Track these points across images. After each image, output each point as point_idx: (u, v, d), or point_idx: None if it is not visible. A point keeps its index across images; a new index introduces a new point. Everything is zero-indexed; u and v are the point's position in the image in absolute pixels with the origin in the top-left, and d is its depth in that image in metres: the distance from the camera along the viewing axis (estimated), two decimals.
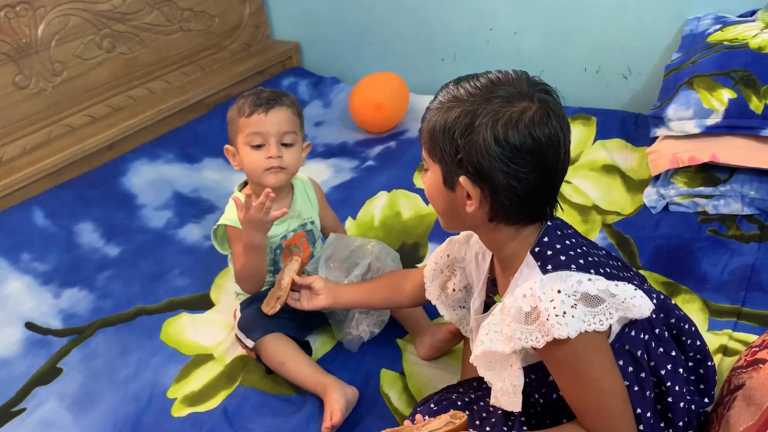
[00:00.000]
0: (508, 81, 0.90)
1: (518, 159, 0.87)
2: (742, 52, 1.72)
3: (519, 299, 0.89)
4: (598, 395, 0.90)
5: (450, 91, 0.93)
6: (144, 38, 2.36)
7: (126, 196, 2.04)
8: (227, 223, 1.42)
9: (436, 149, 0.92)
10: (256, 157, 1.38)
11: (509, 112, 0.87)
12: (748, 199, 1.69)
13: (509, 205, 0.90)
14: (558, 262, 0.89)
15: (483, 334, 0.95)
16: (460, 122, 0.89)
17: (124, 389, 1.40)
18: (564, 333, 0.84)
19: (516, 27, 2.35)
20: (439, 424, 1.00)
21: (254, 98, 1.39)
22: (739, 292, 1.46)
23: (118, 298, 1.67)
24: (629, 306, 0.87)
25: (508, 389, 0.96)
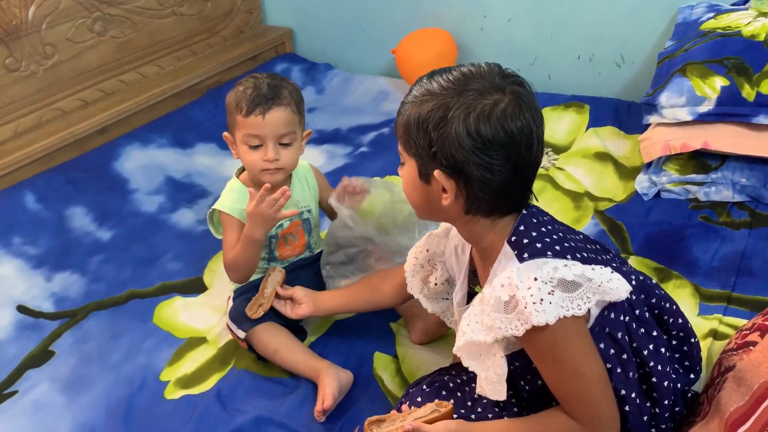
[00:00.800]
0: (481, 74, 0.90)
1: (491, 152, 0.88)
2: (735, 40, 1.73)
3: (497, 289, 0.90)
4: (578, 380, 0.91)
5: (423, 85, 0.93)
6: (136, 22, 2.34)
7: (118, 180, 2.03)
8: (222, 209, 1.41)
9: (411, 143, 0.93)
10: (253, 157, 1.36)
11: (481, 104, 0.88)
12: (740, 186, 1.70)
13: (484, 198, 0.91)
14: (534, 249, 0.90)
15: (464, 324, 0.96)
16: (434, 115, 0.89)
17: (116, 372, 1.40)
18: (543, 320, 0.85)
19: (510, 15, 2.35)
20: (425, 412, 1.02)
21: (253, 94, 1.33)
22: (729, 277, 1.47)
23: (111, 282, 1.67)
24: (606, 289, 0.88)
25: (492, 378, 0.97)
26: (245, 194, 1.40)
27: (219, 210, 1.41)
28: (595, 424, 0.93)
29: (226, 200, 1.41)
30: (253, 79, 1.37)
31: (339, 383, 1.25)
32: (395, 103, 2.42)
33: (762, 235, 1.58)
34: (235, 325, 1.37)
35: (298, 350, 1.34)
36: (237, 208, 1.40)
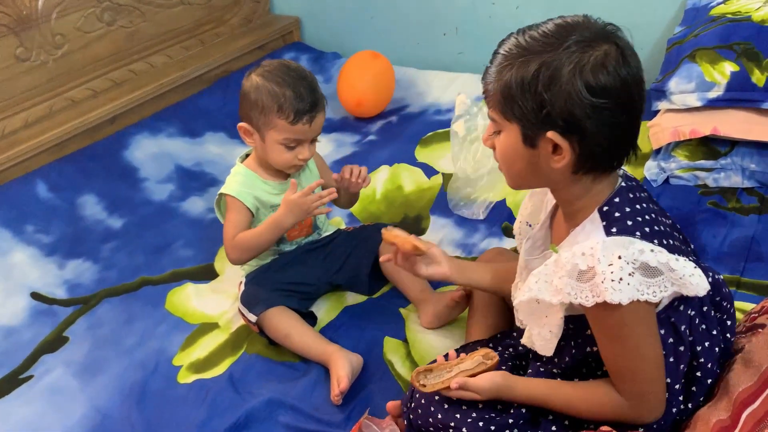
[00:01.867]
0: (579, 24, 0.88)
1: (610, 103, 0.85)
2: (745, 25, 1.72)
3: (577, 256, 0.87)
4: (636, 358, 0.90)
5: (517, 44, 0.89)
6: (145, 12, 2.35)
7: (128, 169, 2.05)
8: (229, 192, 1.43)
9: (514, 108, 0.89)
10: (287, 156, 1.39)
11: (592, 56, 0.85)
12: (749, 172, 1.69)
13: (599, 153, 0.88)
14: (624, 226, 0.88)
15: (533, 281, 0.94)
16: (542, 74, 0.85)
17: (130, 357, 1.42)
18: (617, 298, 0.84)
19: (518, 1, 2.34)
20: (472, 363, 1.03)
21: (295, 99, 1.34)
22: (738, 262, 1.47)
23: (123, 269, 1.69)
24: (686, 283, 0.86)
25: (546, 336, 0.97)
26: (253, 178, 1.42)
27: (226, 194, 1.43)
28: (641, 403, 0.93)
29: (233, 183, 1.44)
30: (288, 77, 1.36)
31: (351, 366, 1.26)
32: (403, 91, 2.43)
33: None
34: (247, 309, 1.39)
35: (309, 334, 1.35)
36: (243, 192, 1.42)
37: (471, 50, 2.47)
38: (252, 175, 1.45)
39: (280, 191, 1.46)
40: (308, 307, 1.47)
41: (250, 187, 1.43)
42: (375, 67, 2.31)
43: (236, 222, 1.41)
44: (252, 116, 1.39)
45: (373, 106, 2.31)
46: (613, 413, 0.95)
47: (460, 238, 1.68)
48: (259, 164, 1.46)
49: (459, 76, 2.38)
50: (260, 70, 1.40)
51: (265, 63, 1.43)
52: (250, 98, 1.38)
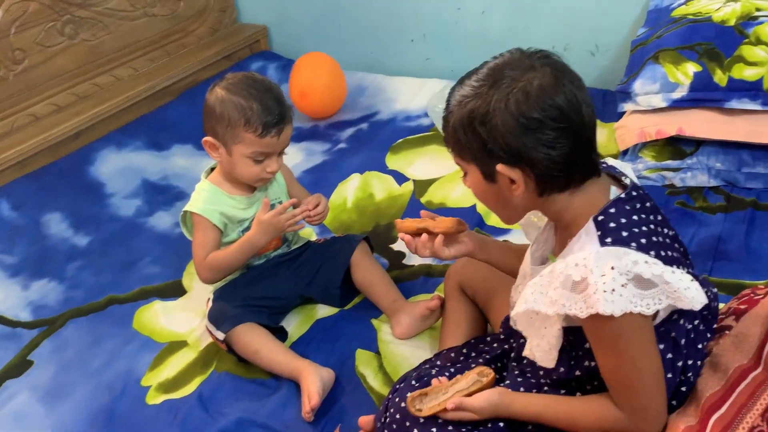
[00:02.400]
0: (507, 62, 0.91)
1: (543, 129, 0.87)
2: (706, 26, 1.74)
3: (570, 267, 0.87)
4: (633, 371, 0.89)
5: (457, 92, 0.94)
6: (108, 24, 2.32)
7: (94, 185, 2.01)
8: (194, 210, 1.40)
9: (464, 149, 0.94)
10: (255, 170, 1.38)
11: (518, 87, 0.88)
12: (714, 171, 1.71)
13: (553, 175, 0.90)
14: (619, 236, 0.88)
15: (528, 292, 0.93)
16: (477, 112, 0.90)
17: (97, 379, 1.39)
18: (609, 310, 0.83)
19: (483, 6, 2.35)
20: (467, 383, 1.02)
21: (263, 113, 1.32)
22: (706, 262, 1.48)
23: (89, 288, 1.65)
24: (681, 296, 0.85)
25: (545, 347, 0.96)
26: (218, 194, 1.40)
27: (191, 212, 1.40)
28: (639, 417, 0.91)
29: (198, 201, 1.41)
30: (254, 90, 1.34)
31: (322, 381, 1.25)
32: (373, 98, 2.43)
33: (737, 219, 1.59)
34: (214, 327, 1.37)
35: (279, 350, 1.33)
36: (209, 209, 1.39)
37: (438, 56, 2.47)
38: (217, 191, 1.42)
39: (247, 205, 1.44)
40: (278, 321, 1.45)
41: (215, 204, 1.40)
42: (323, 65, 2.33)
43: (204, 241, 1.39)
44: (218, 130, 1.36)
45: (319, 101, 2.31)
46: (612, 428, 0.93)
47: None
48: (225, 178, 1.44)
49: (427, 82, 2.38)
50: (224, 83, 1.37)
51: (228, 76, 1.40)
52: (215, 112, 1.35)
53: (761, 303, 1.05)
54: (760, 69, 1.65)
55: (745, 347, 0.98)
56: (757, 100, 1.65)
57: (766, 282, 1.38)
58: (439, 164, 1.98)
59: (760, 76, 1.65)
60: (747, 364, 0.95)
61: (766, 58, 1.66)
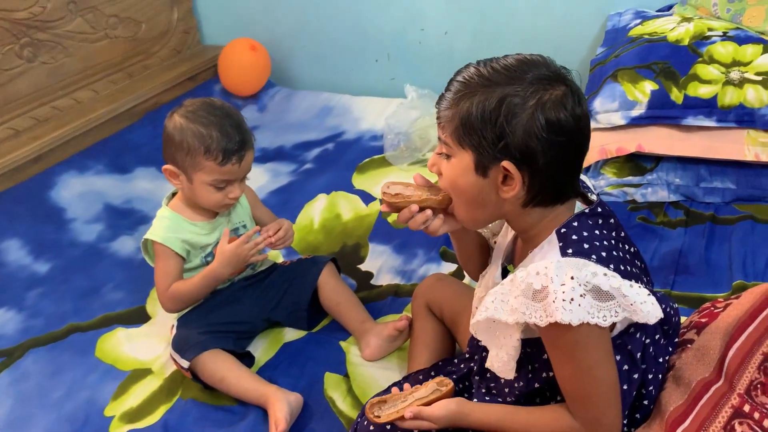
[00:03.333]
0: (538, 62, 0.91)
1: (564, 139, 0.88)
2: (662, 45, 1.79)
3: (531, 275, 0.88)
4: (590, 382, 0.90)
5: (478, 74, 0.90)
6: (68, 46, 2.28)
7: (54, 210, 1.97)
8: (155, 239, 1.38)
9: (472, 136, 0.90)
10: (217, 197, 1.36)
11: (553, 94, 0.88)
12: (674, 186, 1.75)
13: (546, 186, 0.91)
14: (580, 248, 0.89)
15: (489, 301, 0.94)
16: (506, 106, 0.87)
17: (58, 411, 1.35)
18: (567, 318, 0.84)
19: (446, 27, 2.38)
20: (426, 392, 1.02)
21: (223, 141, 1.30)
22: (668, 276, 1.51)
23: (50, 317, 1.61)
24: (637, 310, 0.86)
25: (504, 358, 0.96)
26: (179, 221, 1.39)
27: (152, 240, 1.38)
28: (594, 428, 0.92)
29: (159, 229, 1.38)
30: (213, 117, 1.32)
31: (289, 407, 1.23)
32: (339, 118, 2.43)
33: (697, 233, 1.63)
34: (179, 355, 1.34)
35: (245, 377, 1.31)
36: (170, 237, 1.37)
37: (403, 75, 2.49)
38: (178, 217, 1.40)
39: (209, 230, 1.42)
40: (245, 347, 1.43)
41: (177, 231, 1.38)
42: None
43: (166, 271, 1.37)
44: (177, 158, 1.34)
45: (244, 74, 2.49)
46: None
47: (399, 265, 1.68)
48: (186, 204, 1.41)
49: (393, 102, 2.39)
50: (183, 111, 1.35)
51: (187, 102, 1.37)
52: (174, 140, 1.33)
53: (721, 316, 1.08)
54: (713, 87, 1.70)
55: (706, 360, 1.00)
56: (712, 117, 1.70)
57: (725, 295, 1.42)
58: None
59: (714, 94, 1.70)
60: (709, 377, 0.97)
61: (719, 77, 1.71)
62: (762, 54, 1.71)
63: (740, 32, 1.78)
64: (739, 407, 0.89)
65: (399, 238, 1.76)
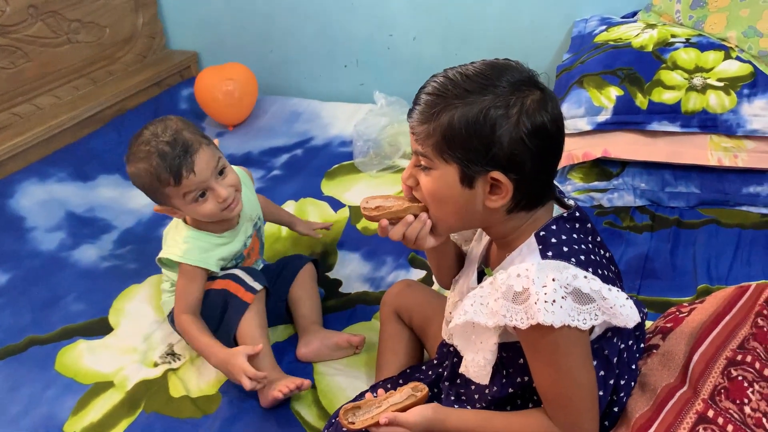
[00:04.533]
0: (508, 66, 0.90)
1: (547, 144, 0.88)
2: (626, 51, 1.81)
3: (512, 278, 0.87)
4: (570, 385, 0.90)
5: (452, 83, 0.89)
6: (28, 51, 2.23)
7: (13, 218, 1.92)
8: (190, 263, 1.36)
9: (456, 150, 0.88)
10: (207, 207, 1.33)
11: (532, 99, 0.87)
12: (639, 191, 1.77)
13: (530, 191, 0.91)
14: (559, 251, 0.89)
15: (468, 304, 0.93)
16: (490, 116, 0.86)
17: (14, 427, 1.31)
18: (549, 320, 0.83)
19: (414, 33, 2.38)
20: (401, 397, 1.00)
21: (163, 164, 1.27)
22: (635, 280, 1.52)
23: (7, 329, 1.56)
24: (617, 313, 0.86)
25: (480, 362, 0.95)
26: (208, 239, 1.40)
27: (184, 263, 1.36)
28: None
29: (193, 251, 1.37)
30: (148, 147, 1.28)
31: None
32: (307, 124, 2.41)
33: (663, 238, 1.64)
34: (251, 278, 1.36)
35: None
36: (206, 258, 1.38)
37: (372, 81, 2.48)
38: (207, 236, 1.40)
39: (233, 237, 1.43)
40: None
41: (210, 251, 1.39)
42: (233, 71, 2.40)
43: (190, 291, 1.37)
44: (156, 198, 1.35)
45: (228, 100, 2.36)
46: None
47: (368, 272, 1.66)
48: (201, 225, 1.40)
49: (362, 107, 2.38)
50: (129, 157, 1.33)
51: (130, 146, 1.33)
52: (142, 187, 1.34)
53: (686, 321, 1.08)
54: (677, 92, 1.72)
55: (671, 365, 1.01)
56: (676, 123, 1.72)
57: (690, 299, 1.43)
58: (374, 190, 1.98)
59: (677, 99, 1.72)
60: (674, 382, 0.97)
61: (682, 83, 1.73)
62: (723, 60, 1.74)
63: (702, 39, 1.80)
64: (704, 413, 0.90)
65: (368, 245, 1.75)
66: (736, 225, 1.65)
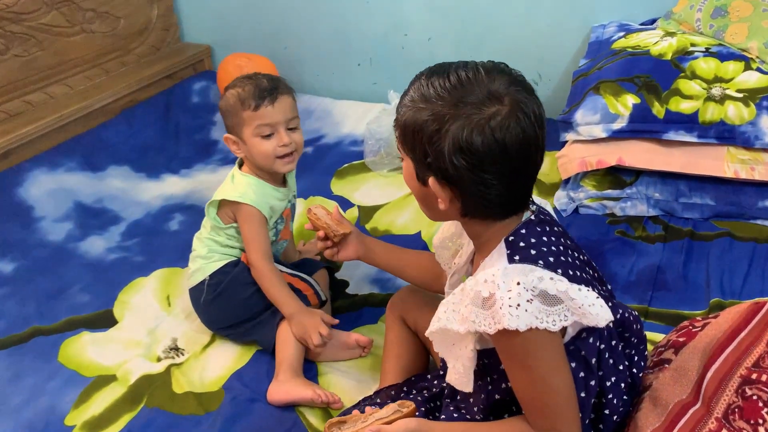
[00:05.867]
0: (479, 80, 0.88)
1: (484, 167, 0.86)
2: (644, 59, 1.79)
3: (479, 283, 0.88)
4: (545, 390, 0.89)
5: (421, 88, 0.91)
6: (42, 40, 2.22)
7: (22, 208, 1.91)
8: (248, 202, 1.40)
9: (408, 144, 0.93)
10: (267, 146, 1.40)
11: (477, 119, 0.85)
12: (653, 200, 1.74)
13: (483, 205, 0.91)
14: (527, 254, 0.89)
15: (441, 311, 0.94)
16: (428, 127, 0.88)
17: (16, 418, 1.30)
18: (514, 324, 0.83)
19: (430, 33, 2.36)
20: (387, 412, 1.00)
21: (254, 89, 1.38)
22: (646, 291, 1.50)
23: (12, 319, 1.55)
24: (586, 312, 0.86)
25: (459, 369, 0.96)
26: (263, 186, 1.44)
27: (244, 203, 1.40)
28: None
29: (249, 193, 1.41)
30: (247, 80, 1.41)
31: None
32: (319, 122, 2.40)
33: (675, 249, 1.62)
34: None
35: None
36: (261, 201, 1.42)
37: (385, 80, 2.46)
38: (262, 183, 1.44)
39: (283, 197, 1.48)
40: None
41: (264, 196, 1.43)
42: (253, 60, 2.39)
43: (263, 233, 1.42)
44: (229, 124, 1.42)
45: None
46: None
47: (375, 273, 1.65)
48: (266, 168, 1.44)
49: (374, 107, 2.36)
50: (228, 86, 1.44)
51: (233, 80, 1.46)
52: (224, 111, 1.42)
53: (699, 336, 1.06)
54: (695, 102, 1.70)
55: (684, 381, 0.99)
56: (693, 133, 1.69)
57: (702, 313, 1.41)
58: (385, 190, 1.97)
59: (695, 109, 1.69)
60: (686, 399, 0.95)
61: (700, 92, 1.71)
62: (743, 71, 1.71)
63: (722, 48, 1.78)
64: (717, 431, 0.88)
65: None
66: (751, 239, 1.62)
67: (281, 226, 1.50)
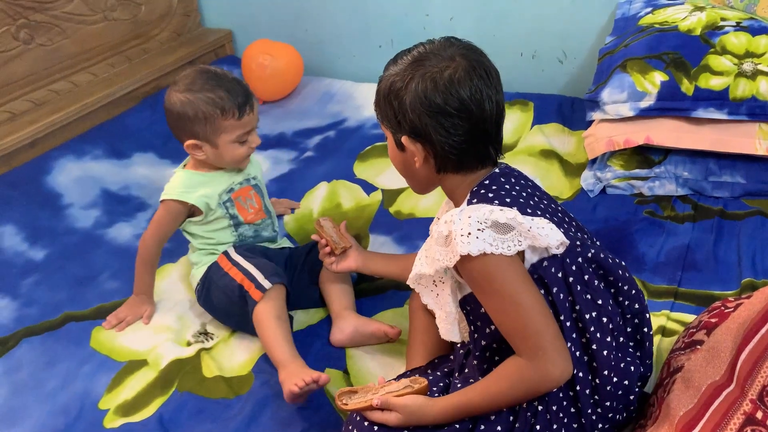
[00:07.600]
0: (433, 49, 1.00)
1: (444, 117, 0.96)
2: (672, 35, 1.75)
3: (441, 225, 0.97)
4: (517, 310, 0.93)
5: (390, 66, 1.03)
6: (65, 28, 2.24)
7: (50, 195, 1.94)
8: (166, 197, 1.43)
9: (382, 112, 1.03)
10: (242, 150, 1.43)
11: (431, 73, 0.96)
12: (682, 180, 1.71)
13: (448, 156, 1.00)
14: (484, 197, 0.98)
15: (417, 258, 1.05)
16: (395, 86, 0.99)
17: (51, 402, 1.33)
18: (465, 250, 0.91)
19: (451, 13, 2.33)
20: (398, 387, 1.03)
21: (232, 97, 1.38)
22: (675, 272, 1.48)
23: (44, 305, 1.58)
24: (536, 234, 0.93)
25: (443, 316, 1.05)
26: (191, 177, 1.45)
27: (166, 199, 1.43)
28: (540, 357, 0.92)
29: (173, 188, 1.44)
30: (211, 81, 1.38)
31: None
32: (341, 105, 2.39)
33: (705, 228, 1.59)
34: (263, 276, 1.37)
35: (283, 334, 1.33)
36: (186, 193, 1.43)
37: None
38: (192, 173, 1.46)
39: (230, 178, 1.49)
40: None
41: (192, 187, 1.44)
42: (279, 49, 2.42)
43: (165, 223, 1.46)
44: (196, 130, 1.39)
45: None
46: (522, 381, 0.94)
47: None
48: (202, 167, 1.47)
49: None
50: (181, 86, 1.40)
51: (179, 78, 1.42)
52: (188, 115, 1.38)
53: (732, 316, 1.05)
54: (725, 78, 1.66)
55: (717, 363, 0.97)
56: (723, 110, 1.66)
57: (734, 293, 1.39)
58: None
59: (725, 86, 1.66)
60: (720, 380, 0.94)
61: (731, 68, 1.67)
62: None
63: (754, 22, 1.73)
64: (752, 414, 0.86)
65: (400, 229, 1.73)
66: None
67: (233, 209, 1.47)
